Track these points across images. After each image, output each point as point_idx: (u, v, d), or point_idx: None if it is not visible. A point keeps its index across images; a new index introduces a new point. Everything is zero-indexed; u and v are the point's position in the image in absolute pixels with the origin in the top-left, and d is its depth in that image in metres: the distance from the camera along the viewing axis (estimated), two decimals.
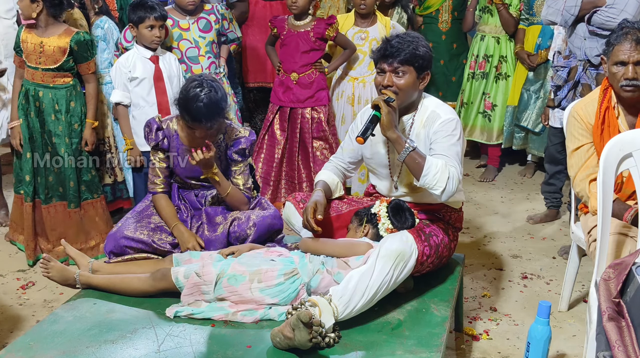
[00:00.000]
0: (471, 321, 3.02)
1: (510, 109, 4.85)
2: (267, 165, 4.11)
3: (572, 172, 2.81)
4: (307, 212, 2.52)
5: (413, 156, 2.39)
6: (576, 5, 3.49)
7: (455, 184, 2.39)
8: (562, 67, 3.66)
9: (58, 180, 3.50)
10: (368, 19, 4.09)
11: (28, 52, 3.37)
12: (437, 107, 2.58)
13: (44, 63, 3.37)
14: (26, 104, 3.43)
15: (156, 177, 2.83)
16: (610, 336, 1.70)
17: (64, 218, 3.55)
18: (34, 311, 3.07)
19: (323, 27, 3.92)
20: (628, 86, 2.65)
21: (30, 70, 3.40)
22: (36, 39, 3.35)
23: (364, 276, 2.26)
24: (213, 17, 3.74)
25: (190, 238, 2.70)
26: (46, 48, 3.34)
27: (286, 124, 4.05)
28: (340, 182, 2.81)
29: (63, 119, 3.43)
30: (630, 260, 1.90)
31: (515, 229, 4.15)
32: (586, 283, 3.34)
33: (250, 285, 2.34)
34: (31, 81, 3.42)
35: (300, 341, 2.03)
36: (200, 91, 2.59)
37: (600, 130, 2.72)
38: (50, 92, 3.41)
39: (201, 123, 2.62)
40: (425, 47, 2.52)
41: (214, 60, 3.77)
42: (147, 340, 2.17)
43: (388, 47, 2.49)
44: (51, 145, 3.46)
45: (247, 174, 2.89)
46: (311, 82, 3.99)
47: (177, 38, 3.67)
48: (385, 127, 2.41)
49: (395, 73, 2.48)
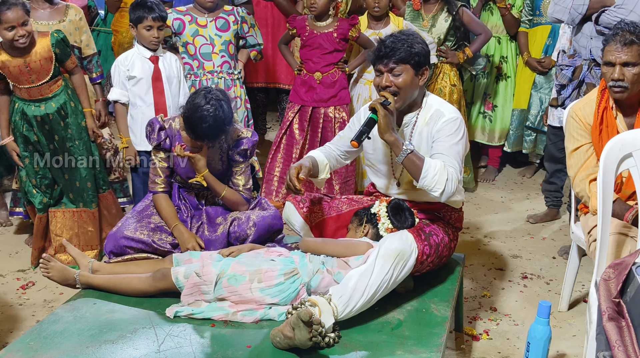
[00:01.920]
0: (471, 321, 3.02)
1: (517, 112, 4.79)
2: (285, 165, 4.08)
3: (572, 172, 2.82)
4: (291, 172, 2.52)
5: (411, 158, 2.39)
6: (584, 4, 3.47)
7: (455, 185, 2.39)
8: (567, 66, 3.65)
9: (70, 186, 3.48)
10: (381, 20, 4.10)
11: (14, 75, 3.24)
12: (440, 106, 2.58)
13: (36, 79, 3.27)
14: (23, 122, 3.33)
15: (157, 177, 2.83)
16: (610, 336, 1.70)
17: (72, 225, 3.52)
18: (34, 311, 3.07)
19: (346, 28, 3.91)
20: (615, 87, 2.65)
21: (24, 89, 3.28)
22: (17, 61, 3.21)
23: (364, 275, 2.26)
24: (232, 18, 3.73)
25: (190, 238, 2.70)
26: (32, 65, 3.23)
27: (306, 123, 4.04)
28: (329, 165, 2.78)
29: (70, 121, 3.40)
30: (630, 260, 1.90)
31: (515, 229, 4.15)
32: (586, 283, 3.34)
33: (251, 285, 2.34)
34: (28, 99, 3.31)
35: (301, 340, 2.03)
36: (207, 112, 2.59)
37: (599, 130, 2.72)
38: (51, 101, 3.35)
39: (204, 141, 2.69)
40: (421, 43, 2.52)
41: (227, 60, 3.75)
42: (147, 340, 2.17)
43: (382, 47, 2.49)
44: (64, 152, 3.41)
45: (248, 174, 2.90)
46: (334, 81, 3.99)
47: (193, 34, 3.66)
48: (383, 130, 2.41)
49: (392, 73, 2.48)
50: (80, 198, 3.49)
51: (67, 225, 3.51)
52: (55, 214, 3.50)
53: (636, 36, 2.62)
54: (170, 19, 3.65)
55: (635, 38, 2.61)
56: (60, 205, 3.52)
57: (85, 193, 3.48)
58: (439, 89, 4.35)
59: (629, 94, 2.66)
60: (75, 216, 3.51)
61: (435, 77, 4.36)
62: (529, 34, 4.63)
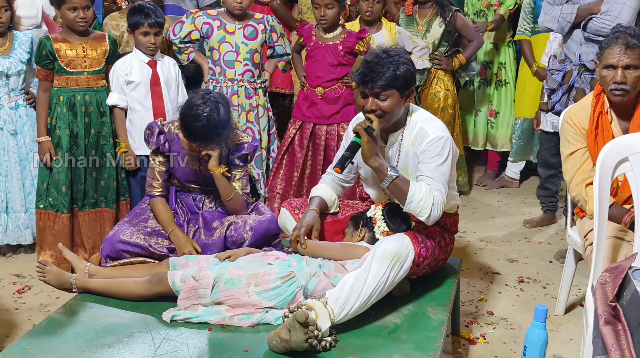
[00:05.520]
0: (468, 325, 3.02)
1: (520, 121, 4.75)
2: (287, 183, 3.91)
3: (568, 176, 2.83)
4: (301, 233, 2.51)
5: (396, 183, 2.37)
6: (572, 13, 3.51)
7: (441, 209, 2.39)
8: (557, 71, 3.67)
9: (95, 185, 3.50)
10: (373, 26, 4.07)
11: (70, 59, 3.34)
12: (425, 123, 2.52)
13: (89, 66, 3.39)
14: (69, 112, 3.39)
15: (155, 180, 2.83)
16: (607, 340, 1.71)
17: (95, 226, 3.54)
18: (30, 315, 3.06)
19: (353, 42, 3.67)
20: (617, 90, 2.67)
21: (74, 76, 3.37)
22: (76, 45, 3.36)
23: (360, 278, 2.26)
24: (261, 27, 3.67)
25: (186, 243, 2.70)
26: (89, 52, 3.38)
27: (306, 141, 3.80)
28: (337, 198, 2.78)
29: (107, 120, 3.47)
30: (626, 264, 1.90)
31: (511, 233, 4.15)
32: (583, 287, 3.35)
33: (248, 289, 2.34)
34: (75, 87, 3.39)
35: (297, 342, 2.03)
36: (202, 111, 2.59)
37: (594, 135, 2.74)
38: (96, 94, 3.43)
39: (196, 141, 2.67)
40: (406, 63, 2.44)
41: (251, 68, 3.67)
42: (143, 344, 2.17)
43: (367, 71, 2.42)
44: (96, 149, 3.46)
45: (247, 179, 2.90)
46: (337, 97, 3.74)
47: (219, 40, 3.62)
48: (366, 156, 2.38)
49: (377, 97, 2.42)
50: (104, 197, 3.53)
51: (92, 226, 3.54)
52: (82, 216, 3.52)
53: (637, 39, 2.64)
54: (200, 22, 3.63)
55: (637, 41, 2.63)
56: (84, 208, 3.52)
57: (110, 192, 3.53)
58: (434, 93, 4.35)
59: (628, 97, 2.68)
60: (97, 216, 3.55)
61: (429, 82, 4.36)
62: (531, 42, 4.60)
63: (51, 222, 3.48)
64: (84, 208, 3.52)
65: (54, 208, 3.45)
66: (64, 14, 3.31)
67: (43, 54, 3.32)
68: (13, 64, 3.48)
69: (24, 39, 3.55)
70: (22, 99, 3.58)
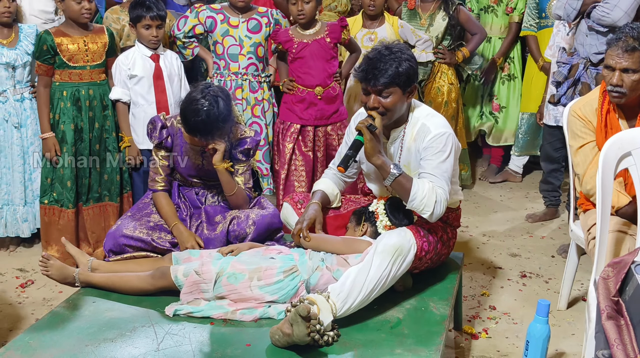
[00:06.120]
0: (470, 320, 3.02)
1: (526, 116, 4.74)
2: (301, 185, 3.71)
3: (580, 170, 2.77)
4: (303, 227, 2.51)
5: (399, 181, 2.37)
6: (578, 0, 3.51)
7: (444, 207, 2.39)
8: (564, 64, 3.66)
9: (99, 179, 3.51)
10: (376, 19, 4.06)
11: (72, 53, 3.35)
12: (427, 119, 2.50)
13: (91, 60, 3.41)
14: (73, 107, 3.40)
15: (157, 175, 2.83)
16: (609, 335, 1.70)
17: (100, 220, 3.56)
18: (34, 309, 3.07)
19: (338, 31, 3.56)
20: (613, 92, 2.64)
21: (76, 71, 3.39)
22: (77, 39, 3.37)
23: (362, 272, 2.27)
24: (265, 20, 3.65)
25: (189, 238, 2.70)
26: (90, 45, 3.39)
27: (311, 143, 3.67)
28: (339, 192, 2.78)
29: (110, 113, 3.49)
30: (629, 258, 1.90)
31: (514, 228, 4.15)
32: (585, 282, 3.35)
33: (250, 283, 2.35)
34: (79, 82, 3.40)
35: (299, 336, 2.03)
36: (201, 106, 2.58)
37: (604, 132, 2.70)
38: (98, 88, 3.45)
39: (196, 136, 2.66)
40: (409, 59, 2.41)
41: (255, 62, 3.66)
42: (146, 338, 2.17)
43: (369, 68, 2.39)
44: (100, 143, 3.48)
45: (249, 173, 2.90)
46: (335, 96, 3.65)
47: (223, 34, 3.61)
48: (369, 154, 2.37)
49: (380, 95, 2.41)
50: (107, 191, 3.54)
51: (96, 221, 3.55)
52: (86, 210, 3.53)
53: (639, 42, 2.59)
54: (204, 16, 3.62)
55: (637, 45, 2.58)
56: (89, 202, 3.53)
57: (113, 186, 3.54)
58: (437, 87, 4.34)
59: (626, 99, 2.65)
60: (101, 210, 3.56)
61: (433, 76, 4.35)
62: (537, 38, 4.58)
63: (56, 217, 3.48)
64: (88, 202, 3.53)
65: (59, 204, 3.46)
66: (68, 6, 3.32)
67: (44, 49, 3.32)
68: (19, 55, 3.48)
69: (29, 31, 3.55)
70: (27, 91, 3.58)
